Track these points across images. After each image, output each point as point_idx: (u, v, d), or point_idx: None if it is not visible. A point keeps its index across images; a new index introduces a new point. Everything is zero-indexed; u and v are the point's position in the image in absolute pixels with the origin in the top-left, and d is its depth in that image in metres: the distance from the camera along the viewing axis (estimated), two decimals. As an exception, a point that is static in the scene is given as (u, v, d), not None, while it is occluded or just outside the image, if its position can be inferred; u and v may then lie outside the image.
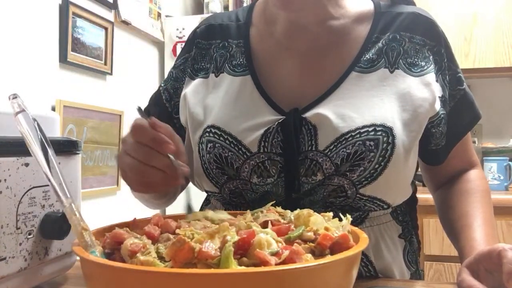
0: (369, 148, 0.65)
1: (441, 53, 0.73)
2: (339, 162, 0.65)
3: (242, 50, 0.78)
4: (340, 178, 0.66)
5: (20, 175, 0.55)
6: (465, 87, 0.76)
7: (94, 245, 0.45)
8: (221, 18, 0.83)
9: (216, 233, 0.43)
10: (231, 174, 0.70)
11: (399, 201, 0.74)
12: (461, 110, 0.75)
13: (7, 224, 0.53)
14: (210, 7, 2.69)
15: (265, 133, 0.68)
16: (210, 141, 0.71)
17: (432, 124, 0.72)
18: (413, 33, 0.73)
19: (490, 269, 0.55)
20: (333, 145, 0.66)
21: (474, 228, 0.69)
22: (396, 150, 0.66)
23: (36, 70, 1.65)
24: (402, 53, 0.71)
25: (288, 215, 0.54)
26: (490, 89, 2.56)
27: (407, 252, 0.77)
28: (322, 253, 0.44)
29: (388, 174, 0.66)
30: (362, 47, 0.72)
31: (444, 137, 0.74)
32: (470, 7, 2.27)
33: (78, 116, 1.83)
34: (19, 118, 0.51)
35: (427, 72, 0.71)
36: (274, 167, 0.68)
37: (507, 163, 2.05)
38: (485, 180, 0.80)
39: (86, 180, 1.88)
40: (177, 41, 2.51)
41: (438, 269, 1.87)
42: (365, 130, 0.65)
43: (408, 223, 0.79)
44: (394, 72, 0.70)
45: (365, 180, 0.66)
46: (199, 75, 0.80)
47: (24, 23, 1.59)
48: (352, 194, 0.68)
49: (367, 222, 0.72)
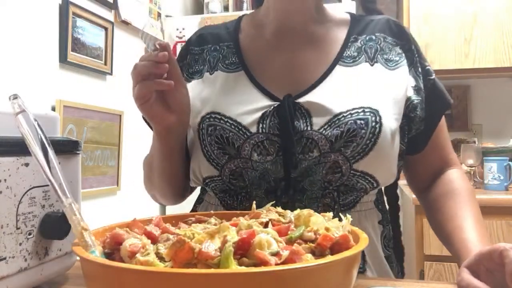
0: (360, 126, 0.71)
1: (411, 49, 0.83)
2: (333, 139, 0.72)
3: (233, 51, 0.85)
4: (335, 154, 0.72)
5: (20, 175, 0.55)
6: (434, 78, 0.84)
7: (94, 245, 0.45)
8: (211, 29, 0.92)
9: (216, 233, 0.43)
10: (232, 153, 0.75)
11: (386, 181, 0.79)
12: (433, 98, 0.83)
13: (7, 224, 0.53)
14: (210, 7, 2.69)
15: (262, 115, 0.74)
16: (210, 125, 0.77)
17: (408, 108, 0.79)
18: (386, 34, 0.83)
19: (491, 269, 0.55)
20: (326, 124, 0.72)
21: (466, 229, 0.71)
22: (383, 128, 0.72)
23: (36, 70, 1.65)
24: (379, 50, 0.81)
25: (288, 215, 0.54)
26: (490, 89, 2.56)
27: (384, 236, 0.83)
28: (322, 253, 0.44)
29: (378, 150, 0.72)
30: (343, 46, 0.82)
31: (422, 121, 0.81)
32: (470, 7, 2.27)
33: (78, 116, 1.83)
34: (19, 119, 0.51)
35: (401, 66, 0.80)
36: (272, 147, 0.74)
37: (507, 163, 2.04)
38: (467, 180, 0.84)
39: (86, 180, 1.88)
40: (177, 41, 2.52)
41: (438, 269, 1.87)
42: (355, 111, 0.72)
43: (385, 212, 0.86)
44: (374, 66, 0.79)
45: (358, 155, 0.72)
46: (194, 77, 0.86)
47: (24, 23, 1.59)
48: (347, 170, 0.73)
49: (357, 207, 0.78)
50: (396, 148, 0.77)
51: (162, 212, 2.56)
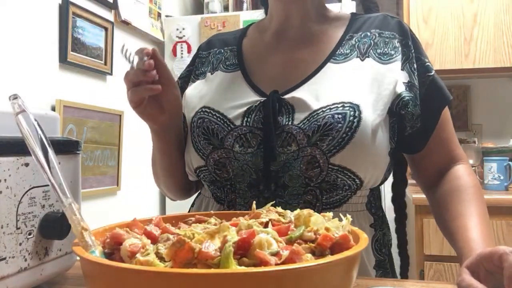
0: (337, 120, 0.73)
1: (408, 45, 0.82)
2: (310, 133, 0.73)
3: (235, 53, 0.90)
4: (312, 148, 0.74)
5: (20, 175, 0.55)
6: (433, 74, 0.83)
7: (94, 245, 0.45)
8: (221, 35, 0.98)
9: (216, 233, 0.43)
10: (216, 143, 0.79)
11: (371, 179, 0.78)
12: (432, 95, 0.82)
13: (7, 224, 0.53)
14: (210, 7, 2.69)
15: (248, 110, 0.78)
16: (200, 118, 0.82)
17: (398, 105, 0.78)
18: (383, 29, 0.83)
19: (491, 270, 0.56)
20: (306, 119, 0.74)
21: (470, 228, 0.71)
22: (362, 123, 0.73)
23: (36, 70, 1.65)
24: (373, 45, 0.82)
25: (288, 215, 0.54)
26: (490, 89, 2.56)
27: (376, 240, 0.82)
28: (323, 253, 0.44)
29: (354, 145, 0.72)
30: (337, 44, 0.83)
31: (417, 118, 0.80)
32: (470, 7, 2.27)
33: (78, 116, 1.83)
34: (19, 119, 0.51)
35: (395, 61, 0.80)
36: (254, 139, 0.77)
37: (507, 163, 2.04)
38: (474, 175, 0.83)
39: (86, 180, 1.88)
40: (177, 41, 2.51)
41: (438, 269, 1.87)
42: (335, 106, 0.74)
43: (380, 217, 0.85)
44: (365, 61, 0.80)
45: (333, 148, 0.73)
46: (199, 78, 0.92)
47: (24, 23, 1.59)
48: (324, 164, 0.74)
49: (344, 207, 0.77)
50: (380, 144, 0.76)
51: (162, 212, 2.56)
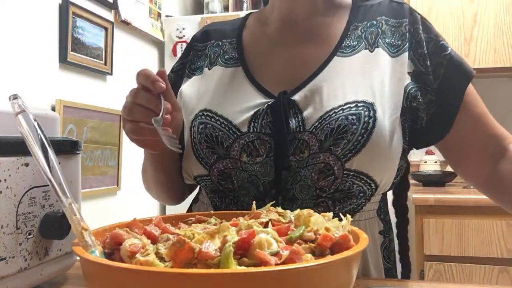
0: (351, 122, 0.67)
1: (416, 29, 0.76)
2: (323, 138, 0.68)
3: (234, 46, 0.83)
4: (325, 154, 0.68)
5: (20, 175, 0.55)
6: (449, 52, 0.77)
7: (94, 245, 0.45)
8: (217, 25, 0.91)
9: (216, 233, 0.43)
10: (221, 153, 0.73)
11: (386, 182, 0.73)
12: (452, 73, 0.76)
13: (7, 224, 0.53)
14: (210, 7, 2.69)
15: (255, 114, 0.72)
16: (201, 123, 0.75)
17: (408, 99, 0.73)
18: (388, 16, 0.78)
19: None
20: (318, 122, 0.68)
21: None
22: (378, 123, 0.68)
23: (36, 70, 1.65)
24: (381, 33, 0.76)
25: (288, 215, 0.54)
26: (490, 89, 2.56)
27: (384, 247, 0.79)
28: (323, 253, 0.44)
29: (371, 147, 0.67)
30: (342, 35, 0.77)
31: (431, 103, 0.74)
32: (470, 7, 2.27)
33: (78, 116, 1.83)
34: (19, 119, 0.51)
35: (403, 51, 0.74)
36: (263, 147, 0.71)
37: (507, 163, 2.04)
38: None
39: (86, 180, 1.88)
40: (177, 41, 2.51)
41: (438, 269, 1.87)
42: (348, 107, 0.68)
43: (387, 222, 0.81)
44: (374, 51, 0.74)
45: (349, 152, 0.67)
46: (195, 73, 0.85)
47: (24, 23, 1.59)
48: (339, 171, 0.68)
49: (357, 216, 0.73)
50: (396, 145, 0.70)
51: (162, 212, 2.56)
